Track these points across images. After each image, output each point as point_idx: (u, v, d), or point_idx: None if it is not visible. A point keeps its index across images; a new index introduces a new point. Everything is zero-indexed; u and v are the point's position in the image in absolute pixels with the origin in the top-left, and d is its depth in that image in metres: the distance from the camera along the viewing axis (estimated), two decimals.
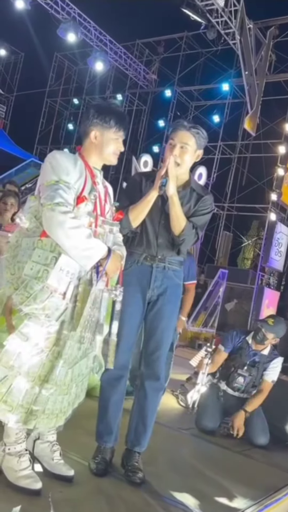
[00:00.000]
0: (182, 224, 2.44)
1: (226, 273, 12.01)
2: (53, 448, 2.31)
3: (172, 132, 2.49)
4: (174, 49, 15.80)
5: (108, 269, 2.09)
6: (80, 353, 2.17)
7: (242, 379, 3.83)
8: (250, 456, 3.45)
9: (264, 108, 13.07)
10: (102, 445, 2.53)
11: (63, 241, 1.99)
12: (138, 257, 2.51)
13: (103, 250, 2.06)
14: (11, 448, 2.13)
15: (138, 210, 2.43)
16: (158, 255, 2.51)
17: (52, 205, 1.99)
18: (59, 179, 2.04)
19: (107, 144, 2.21)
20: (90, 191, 2.13)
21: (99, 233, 2.14)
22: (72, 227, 1.98)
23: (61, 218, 1.97)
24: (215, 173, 14.27)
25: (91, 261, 2.04)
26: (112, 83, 17.01)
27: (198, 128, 2.49)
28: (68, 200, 2.03)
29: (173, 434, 3.61)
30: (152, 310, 2.54)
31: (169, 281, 2.54)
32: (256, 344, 3.87)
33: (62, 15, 12.78)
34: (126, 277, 2.43)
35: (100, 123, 2.19)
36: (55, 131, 17.80)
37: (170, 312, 2.58)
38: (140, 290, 2.50)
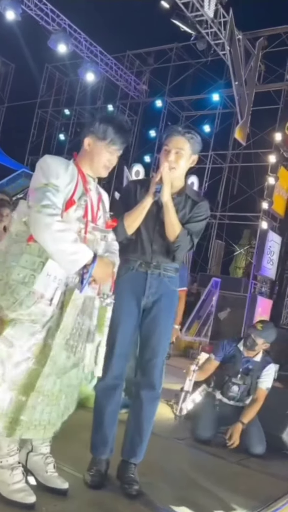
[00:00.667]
0: (177, 231, 2.42)
1: (219, 281, 12.01)
2: (47, 460, 2.25)
3: (166, 138, 2.48)
4: (164, 60, 15.91)
5: (95, 275, 2.05)
6: (70, 363, 2.11)
7: (236, 388, 3.80)
8: (247, 466, 3.41)
9: (254, 118, 13.17)
10: (97, 457, 2.48)
11: (48, 244, 1.95)
12: (133, 264, 2.48)
13: (89, 255, 2.01)
14: (3, 461, 2.08)
15: (133, 217, 2.41)
16: (153, 261, 2.48)
17: (39, 207, 1.95)
18: (48, 182, 2.01)
19: (98, 155, 2.18)
20: (81, 196, 2.09)
21: (88, 239, 2.09)
22: (58, 230, 1.94)
23: (48, 220, 1.94)
24: (206, 182, 14.34)
25: (76, 266, 1.99)
26: (103, 93, 17.07)
27: (192, 133, 2.48)
28: (56, 203, 1.99)
29: (168, 444, 3.56)
30: (147, 317, 2.51)
31: (164, 288, 2.51)
32: (247, 350, 3.85)
33: (53, 26, 12.83)
34: (121, 284, 2.41)
35: (95, 132, 2.17)
36: (46, 142, 17.79)
37: (165, 319, 2.54)
38: (135, 298, 2.47)
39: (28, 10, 12.29)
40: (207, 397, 3.98)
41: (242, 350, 3.87)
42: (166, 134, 2.50)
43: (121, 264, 2.40)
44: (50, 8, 12.64)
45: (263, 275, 12.73)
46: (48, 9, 12.61)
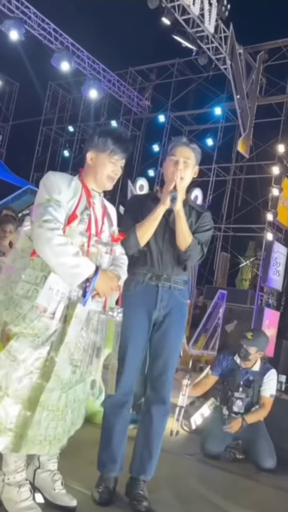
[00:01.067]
0: (189, 240, 2.42)
1: (225, 294, 11.95)
2: (54, 477, 2.23)
3: (172, 148, 2.49)
4: (166, 75, 16.06)
5: (97, 288, 2.04)
6: (76, 377, 2.10)
7: (240, 402, 3.75)
8: (258, 480, 3.36)
9: (256, 131, 13.24)
10: (105, 474, 2.44)
11: (49, 257, 1.96)
12: (143, 277, 2.46)
13: (91, 268, 2.01)
14: (10, 478, 2.06)
15: (146, 227, 2.40)
16: (163, 274, 2.47)
17: (41, 222, 1.97)
18: (50, 197, 2.03)
19: (101, 167, 2.19)
20: (84, 210, 2.10)
21: (91, 253, 2.10)
22: (58, 243, 1.95)
23: (48, 235, 1.95)
24: (210, 195, 14.35)
25: (77, 279, 1.99)
26: (106, 110, 17.23)
27: (195, 144, 2.54)
28: (58, 218, 2.01)
29: (177, 460, 3.51)
30: (158, 331, 2.48)
31: (175, 301, 2.49)
32: (243, 362, 3.82)
33: (56, 45, 13.02)
34: (131, 298, 2.40)
35: (96, 145, 2.19)
36: (51, 158, 17.93)
37: (176, 332, 2.53)
38: (146, 311, 2.45)
39: (31, 29, 12.49)
40: (216, 412, 3.94)
41: (239, 362, 3.85)
42: (172, 144, 2.51)
43: (130, 277, 2.40)
44: (53, 28, 12.84)
45: (270, 287, 12.68)
46: (51, 28, 12.81)
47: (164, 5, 10.47)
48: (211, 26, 11.20)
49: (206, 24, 11.04)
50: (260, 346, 3.80)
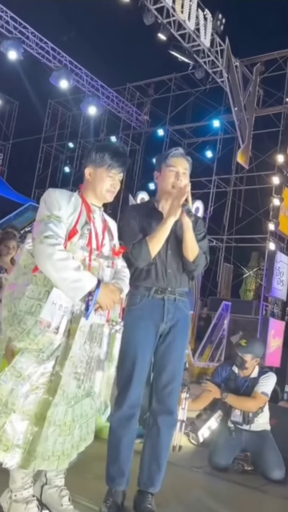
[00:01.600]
0: (196, 250, 2.46)
1: (229, 305, 11.92)
2: (62, 493, 2.22)
3: (170, 159, 2.50)
4: (164, 90, 16.23)
5: (100, 301, 2.06)
6: (82, 392, 2.11)
7: (238, 412, 3.73)
8: (267, 492, 3.33)
9: (255, 142, 13.33)
10: (113, 488, 2.43)
11: (51, 273, 1.98)
12: (148, 291, 2.48)
13: (92, 282, 2.03)
14: (17, 495, 2.06)
15: (157, 239, 2.41)
16: (168, 287, 2.49)
17: (42, 238, 2.00)
18: (50, 214, 2.06)
19: (100, 181, 2.22)
20: (84, 225, 2.13)
21: (93, 267, 2.12)
22: (59, 259, 1.97)
23: (50, 250, 1.97)
24: (211, 207, 14.39)
25: (80, 293, 2.01)
26: (105, 126, 17.39)
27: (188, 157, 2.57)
28: (58, 233, 2.03)
29: (185, 473, 3.49)
30: (164, 342, 2.49)
31: (180, 313, 2.52)
32: (241, 370, 3.81)
33: (54, 63, 13.20)
34: (138, 312, 2.43)
35: (94, 161, 2.22)
36: (52, 175, 18.07)
37: (182, 344, 2.55)
38: (153, 325, 2.46)
39: (30, 49, 12.67)
40: (223, 424, 3.91)
41: (237, 372, 3.84)
42: (170, 155, 2.52)
43: (135, 291, 2.42)
44: (51, 46, 13.02)
45: (274, 297, 12.65)
46: (49, 47, 12.99)
47: (160, 21, 10.62)
48: (207, 40, 11.35)
49: (202, 38, 11.19)
50: (255, 353, 3.77)
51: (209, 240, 12.51)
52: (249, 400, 3.70)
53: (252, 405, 3.69)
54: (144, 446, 2.51)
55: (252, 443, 3.69)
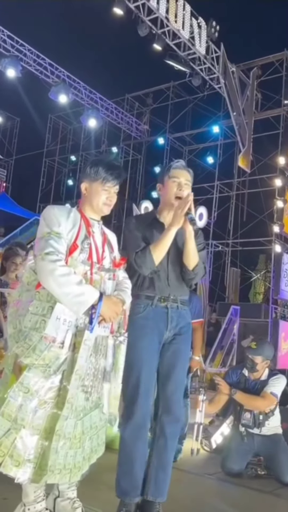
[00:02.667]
0: (196, 258, 2.50)
1: (238, 309, 11.90)
2: (74, 505, 2.24)
3: (173, 170, 2.55)
4: (162, 99, 16.33)
5: (103, 314, 2.09)
6: (90, 404, 2.14)
7: (248, 415, 3.74)
8: (281, 496, 3.33)
9: (256, 145, 13.37)
10: (126, 501, 2.42)
11: (54, 288, 2.02)
12: (152, 300, 2.51)
13: (95, 295, 2.06)
14: (31, 508, 2.08)
15: (160, 247, 2.45)
16: (170, 295, 2.53)
17: (43, 255, 2.04)
18: (50, 230, 2.11)
19: (95, 195, 2.26)
20: (84, 239, 2.17)
21: (94, 280, 2.15)
22: (61, 274, 2.01)
23: (51, 267, 2.01)
24: (215, 212, 14.41)
25: (83, 307, 2.04)
26: (106, 137, 17.52)
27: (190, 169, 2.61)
28: (59, 249, 2.07)
29: (198, 480, 3.50)
30: (168, 350, 2.52)
31: (182, 320, 2.56)
32: (251, 373, 3.82)
33: (52, 78, 13.35)
34: (142, 321, 2.46)
35: (88, 175, 2.27)
36: (55, 188, 18.21)
37: (185, 351, 2.61)
38: (157, 333, 2.49)
39: (28, 66, 12.83)
40: (235, 429, 3.92)
41: (247, 375, 3.85)
42: (172, 167, 2.56)
43: (138, 300, 2.46)
44: (49, 62, 13.18)
45: (283, 299, 12.61)
46: (47, 63, 13.16)
47: (155, 32, 10.74)
48: (202, 47, 11.44)
49: (197, 46, 11.28)
50: (265, 355, 3.79)
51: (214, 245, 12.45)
52: (258, 399, 3.70)
53: (260, 404, 3.69)
54: (150, 456, 2.50)
55: (264, 447, 3.69)
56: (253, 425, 3.71)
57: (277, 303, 12.95)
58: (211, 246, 13.97)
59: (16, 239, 12.05)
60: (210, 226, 13.97)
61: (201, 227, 12.30)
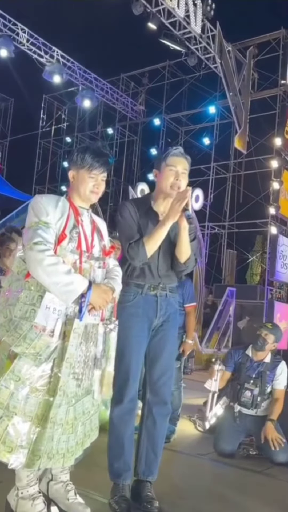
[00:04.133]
0: (189, 252, 2.51)
1: (234, 291, 11.98)
2: (67, 488, 2.29)
3: (170, 158, 2.49)
4: (158, 78, 16.16)
5: (92, 302, 2.10)
6: (82, 391, 2.17)
7: (249, 393, 3.81)
8: (272, 475, 3.40)
9: (252, 126, 13.27)
10: (120, 483, 2.49)
11: (43, 278, 2.03)
12: (141, 288, 2.53)
13: (84, 284, 2.07)
14: (24, 492, 2.13)
15: (154, 241, 2.44)
16: (160, 284, 2.55)
17: (31, 245, 2.04)
18: (38, 220, 2.11)
19: (82, 183, 2.24)
20: (72, 228, 2.17)
21: (84, 269, 2.16)
22: (50, 264, 2.02)
23: (39, 256, 2.02)
24: (211, 194, 14.38)
25: (72, 296, 2.05)
26: (101, 118, 17.37)
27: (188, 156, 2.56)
28: (48, 239, 2.08)
29: (191, 460, 3.57)
30: (156, 336, 2.56)
31: (171, 307, 2.59)
32: (257, 352, 3.88)
33: (46, 58, 13.16)
34: (132, 309, 2.49)
35: (75, 162, 2.25)
36: (51, 170, 18.11)
37: (173, 337, 2.64)
38: (147, 321, 2.52)
39: (20, 46, 12.63)
40: (228, 410, 3.98)
41: (251, 355, 3.91)
42: (170, 154, 2.51)
43: (128, 288, 2.48)
44: (42, 42, 12.97)
45: (278, 280, 12.67)
46: (40, 42, 12.95)
47: (149, 10, 10.56)
48: (198, 26, 11.28)
49: (192, 25, 11.12)
50: (277, 336, 3.91)
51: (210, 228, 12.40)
52: (279, 403, 3.81)
53: (282, 405, 3.82)
54: (140, 437, 2.57)
55: (257, 427, 3.75)
56: (250, 405, 3.79)
57: (273, 284, 13.03)
58: (207, 228, 13.98)
59: (12, 222, 12.03)
60: (206, 208, 13.96)
61: (197, 209, 12.32)
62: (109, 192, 16.05)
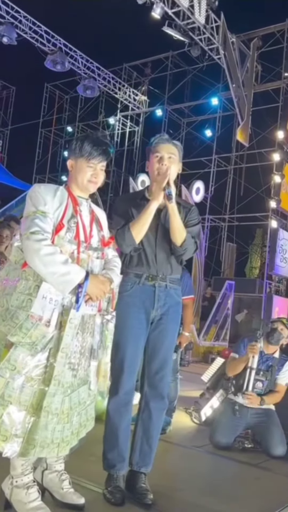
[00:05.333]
0: (183, 234, 2.46)
1: (233, 284, 11.98)
2: (62, 477, 2.30)
3: (155, 145, 2.51)
4: (161, 69, 16.05)
5: (89, 292, 2.09)
6: (77, 381, 2.16)
7: (261, 384, 3.82)
8: (267, 469, 3.40)
9: (255, 118, 13.20)
10: (114, 474, 2.49)
11: (39, 268, 2.02)
12: (139, 278, 2.50)
13: (80, 274, 2.06)
14: (18, 481, 2.13)
15: (140, 224, 2.43)
16: (159, 274, 2.51)
17: (28, 234, 2.03)
18: (36, 209, 2.09)
19: (80, 172, 2.22)
20: (70, 218, 2.15)
21: (82, 259, 2.15)
22: (47, 253, 2.00)
23: (36, 246, 2.00)
24: (212, 186, 14.33)
25: (69, 286, 2.04)
26: (103, 108, 17.28)
27: (177, 141, 2.57)
28: (45, 228, 2.06)
29: (187, 452, 3.58)
30: (155, 329, 2.53)
31: (171, 299, 2.55)
32: (269, 346, 3.88)
33: (48, 47, 13.07)
34: (129, 299, 2.46)
35: (74, 151, 2.23)
36: (52, 160, 18.04)
37: (173, 330, 2.60)
38: (144, 311, 2.50)
39: (23, 33, 12.53)
40: (227, 403, 3.97)
41: (262, 348, 3.91)
42: (155, 142, 2.53)
43: (126, 278, 2.45)
44: (45, 30, 12.87)
45: (277, 274, 12.68)
46: (43, 30, 12.85)
47: (153, 0, 10.46)
48: (202, 17, 11.17)
49: (196, 15, 11.02)
50: None
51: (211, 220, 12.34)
52: (278, 395, 3.88)
53: (280, 398, 3.88)
54: (136, 428, 2.57)
55: (257, 420, 3.76)
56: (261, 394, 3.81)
57: (272, 278, 13.03)
58: (207, 221, 13.95)
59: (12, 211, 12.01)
60: (207, 200, 13.92)
61: (198, 201, 12.28)
62: (109, 183, 16.00)
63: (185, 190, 12.22)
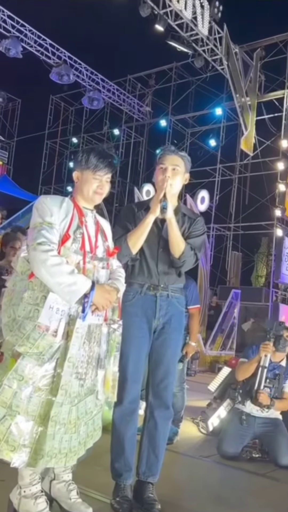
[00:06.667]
0: (182, 247, 2.47)
1: (239, 293, 11.95)
2: (70, 487, 2.30)
3: (161, 157, 2.53)
4: (165, 80, 16.19)
5: (95, 302, 2.11)
6: (84, 390, 2.18)
7: (268, 390, 3.80)
8: (275, 478, 3.38)
9: (259, 127, 13.26)
10: (121, 483, 2.49)
11: (46, 278, 2.04)
12: (141, 288, 2.52)
13: (87, 284, 2.08)
14: (26, 491, 2.13)
15: (137, 235, 2.45)
16: (160, 283, 2.53)
17: (35, 245, 2.05)
18: (43, 220, 2.11)
19: (86, 184, 2.25)
20: (76, 229, 2.18)
21: (87, 269, 2.17)
22: (53, 264, 2.02)
23: (43, 257, 2.03)
24: (217, 195, 14.37)
25: (75, 296, 2.06)
26: (108, 119, 17.42)
27: (183, 152, 2.57)
28: (51, 239, 2.08)
29: (194, 462, 3.56)
30: (158, 339, 2.54)
31: (173, 309, 2.56)
32: (276, 353, 3.87)
33: (53, 59, 13.22)
34: (131, 308, 2.47)
35: (80, 163, 2.26)
36: (57, 171, 18.19)
37: (176, 340, 2.60)
38: (146, 321, 2.51)
39: (28, 47, 12.70)
40: (234, 413, 3.96)
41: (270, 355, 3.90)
42: (161, 153, 2.55)
43: (128, 288, 2.46)
44: (50, 43, 13.03)
45: (283, 282, 12.65)
46: (48, 44, 13.01)
47: (157, 12, 10.59)
48: (205, 28, 11.29)
49: (199, 27, 11.13)
50: None
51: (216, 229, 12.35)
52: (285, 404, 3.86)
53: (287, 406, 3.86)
54: (142, 439, 2.57)
55: (264, 429, 3.74)
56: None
57: (278, 286, 12.99)
58: (212, 230, 13.97)
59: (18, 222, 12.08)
60: (212, 209, 13.94)
61: (203, 211, 12.30)
62: (114, 193, 16.09)
63: (190, 200, 12.25)
